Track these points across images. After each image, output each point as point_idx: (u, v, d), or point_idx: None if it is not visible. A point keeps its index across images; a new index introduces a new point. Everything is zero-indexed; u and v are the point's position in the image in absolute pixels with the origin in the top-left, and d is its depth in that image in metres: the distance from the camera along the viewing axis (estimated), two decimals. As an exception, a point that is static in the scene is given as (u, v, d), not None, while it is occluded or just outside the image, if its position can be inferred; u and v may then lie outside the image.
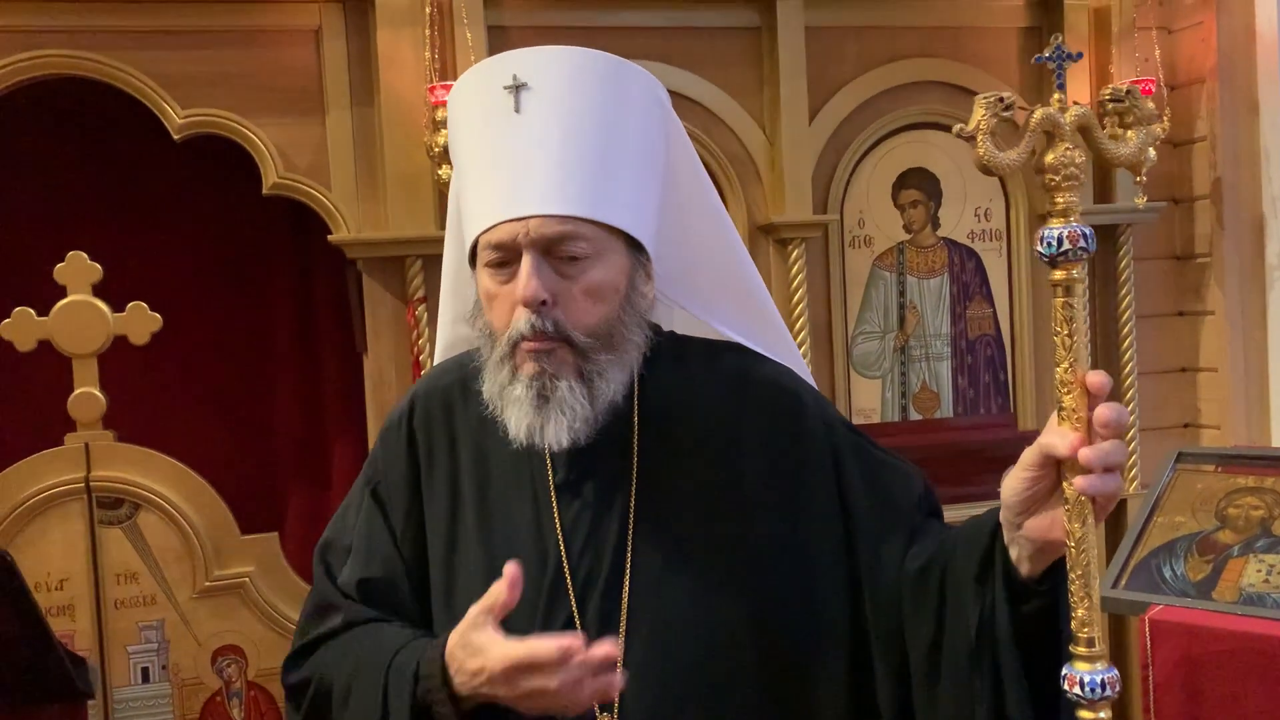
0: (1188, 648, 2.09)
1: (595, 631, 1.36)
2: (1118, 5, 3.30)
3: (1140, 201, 3.28)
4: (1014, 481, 1.21)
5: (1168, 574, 2.31)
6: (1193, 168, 3.54)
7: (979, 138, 1.17)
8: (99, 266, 2.72)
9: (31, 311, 2.68)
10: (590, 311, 1.36)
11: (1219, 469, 2.48)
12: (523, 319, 1.33)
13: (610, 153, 1.40)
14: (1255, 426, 3.39)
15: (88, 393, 2.70)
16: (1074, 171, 1.16)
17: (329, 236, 2.93)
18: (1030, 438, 1.21)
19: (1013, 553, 1.25)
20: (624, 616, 1.39)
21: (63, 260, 2.70)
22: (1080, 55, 1.25)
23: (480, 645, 1.28)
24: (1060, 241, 1.14)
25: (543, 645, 1.25)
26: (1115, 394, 3.41)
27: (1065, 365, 1.15)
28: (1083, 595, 1.16)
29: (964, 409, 3.40)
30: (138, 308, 2.73)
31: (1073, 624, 1.17)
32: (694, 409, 1.48)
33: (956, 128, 1.20)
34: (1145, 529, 2.43)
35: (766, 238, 3.21)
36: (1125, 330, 3.43)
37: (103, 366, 2.73)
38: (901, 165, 3.35)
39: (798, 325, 3.17)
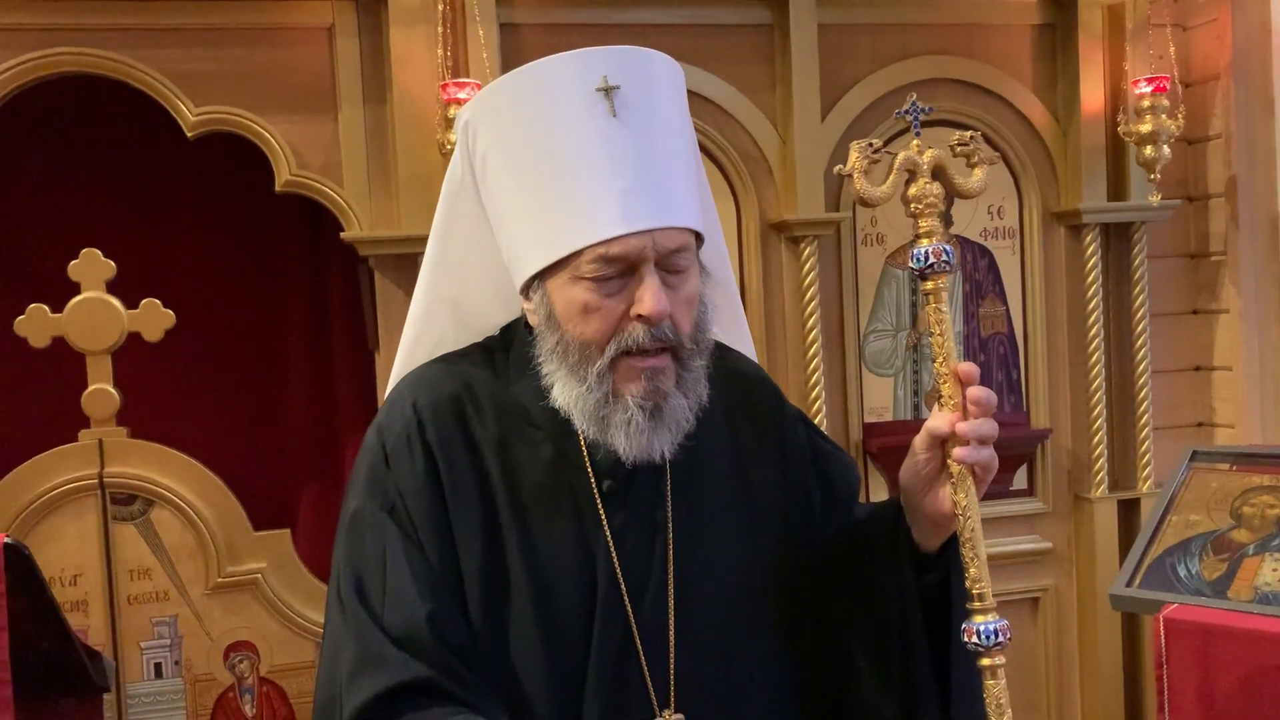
0: (1202, 646, 2.09)
1: (651, 633, 1.39)
2: (1132, 2, 3.27)
3: (1154, 199, 3.26)
4: (910, 465, 1.38)
5: (1182, 573, 2.30)
6: (1207, 165, 3.51)
7: (855, 176, 1.39)
8: (113, 263, 2.73)
9: (46, 308, 2.70)
10: (689, 320, 1.38)
11: (1234, 468, 2.47)
12: (639, 330, 1.32)
13: (688, 157, 1.43)
14: (1270, 425, 3.37)
15: (101, 389, 2.71)
16: (933, 201, 1.37)
17: (341, 234, 2.93)
18: (1044, 434, 1.26)
19: (914, 532, 1.42)
20: (672, 617, 1.41)
21: (77, 257, 2.72)
22: (932, 109, 1.48)
23: None
24: (927, 257, 1.36)
25: None
26: (1129, 392, 3.41)
27: (940, 360, 1.35)
28: (972, 556, 1.33)
29: (977, 407, 3.38)
30: (151, 305, 2.74)
31: (966, 582, 1.34)
32: (701, 408, 1.47)
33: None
34: (1160, 528, 2.43)
35: (779, 235, 3.20)
36: (1139, 328, 3.40)
37: (116, 363, 2.74)
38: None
39: (809, 323, 3.17)
